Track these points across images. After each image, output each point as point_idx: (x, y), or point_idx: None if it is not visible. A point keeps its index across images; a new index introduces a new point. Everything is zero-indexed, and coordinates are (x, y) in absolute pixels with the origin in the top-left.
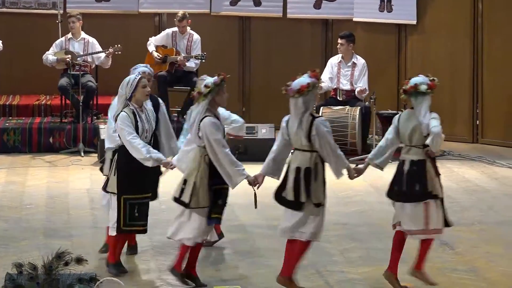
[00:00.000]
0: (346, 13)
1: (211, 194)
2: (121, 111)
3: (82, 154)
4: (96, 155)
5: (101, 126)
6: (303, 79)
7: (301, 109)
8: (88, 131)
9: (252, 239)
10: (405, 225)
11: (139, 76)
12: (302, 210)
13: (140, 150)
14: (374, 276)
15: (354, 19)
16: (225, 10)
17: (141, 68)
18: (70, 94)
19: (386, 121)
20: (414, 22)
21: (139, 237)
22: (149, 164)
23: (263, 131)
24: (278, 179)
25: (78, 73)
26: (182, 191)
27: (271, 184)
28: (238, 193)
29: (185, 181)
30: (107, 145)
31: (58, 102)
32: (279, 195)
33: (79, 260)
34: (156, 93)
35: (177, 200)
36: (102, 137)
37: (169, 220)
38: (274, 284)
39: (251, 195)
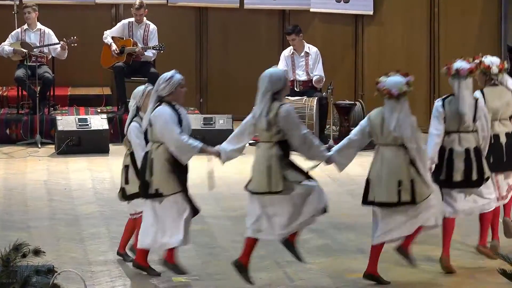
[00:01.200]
0: (303, 4)
1: None
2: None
3: (39, 145)
4: (53, 146)
5: (58, 117)
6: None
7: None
8: (45, 122)
9: (210, 230)
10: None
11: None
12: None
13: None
14: (332, 266)
15: (311, 10)
16: (182, 0)
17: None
18: (26, 85)
19: (343, 111)
20: (371, 12)
21: (96, 229)
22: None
23: (221, 122)
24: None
25: (35, 64)
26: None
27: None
28: (196, 184)
29: (400, 182)
30: None
31: (14, 93)
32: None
33: (37, 252)
34: (113, 84)
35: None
36: (59, 128)
37: (126, 211)
38: (231, 274)
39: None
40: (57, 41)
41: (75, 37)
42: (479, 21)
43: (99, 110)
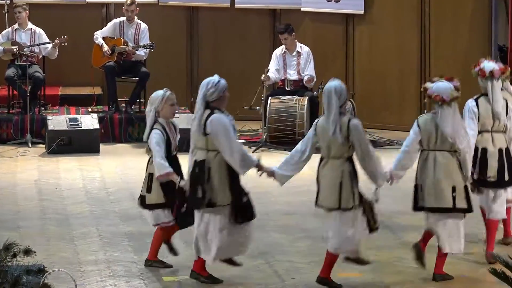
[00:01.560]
0: (294, 3)
1: None
2: None
3: (30, 145)
4: (44, 145)
5: (49, 117)
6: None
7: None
8: (36, 122)
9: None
10: None
11: None
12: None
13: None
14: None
15: (302, 9)
16: (173, 0)
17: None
18: (17, 85)
19: None
20: (362, 12)
21: (87, 228)
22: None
23: None
24: None
25: (25, 63)
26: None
27: None
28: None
29: (454, 188)
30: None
31: (5, 93)
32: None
33: (27, 252)
34: (104, 84)
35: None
36: (49, 128)
37: (116, 211)
38: (222, 273)
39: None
40: (48, 41)
41: (65, 36)
42: (470, 21)
43: (89, 110)
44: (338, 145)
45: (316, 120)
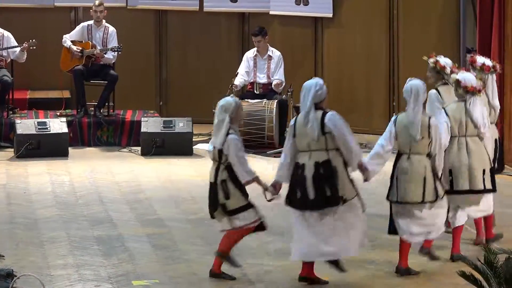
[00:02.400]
0: (263, 6)
1: None
2: None
3: None
4: (12, 150)
5: (17, 121)
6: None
7: None
8: (4, 126)
9: (170, 233)
10: None
11: None
12: None
13: None
14: (292, 268)
15: (271, 13)
16: (142, 3)
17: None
18: None
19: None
20: (330, 15)
21: (55, 232)
22: None
23: (181, 124)
24: None
25: None
26: None
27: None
28: (157, 188)
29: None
30: None
31: None
32: None
33: None
34: (73, 87)
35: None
36: (18, 132)
37: (85, 215)
38: (192, 277)
39: (170, 190)
40: (16, 44)
41: (34, 40)
42: (439, 23)
43: (58, 114)
44: (420, 142)
45: (395, 117)
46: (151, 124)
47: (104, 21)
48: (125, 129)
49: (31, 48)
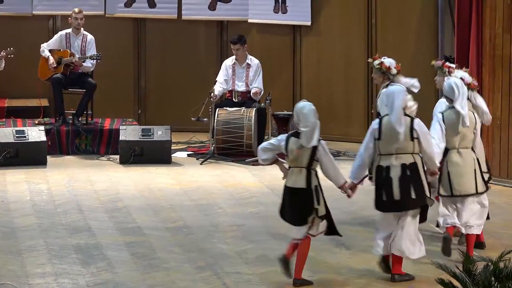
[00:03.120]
0: (241, 15)
1: None
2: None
3: None
4: None
5: None
6: None
7: None
8: None
9: (148, 241)
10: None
11: None
12: None
13: None
14: (270, 276)
15: (249, 21)
16: (120, 12)
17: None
18: None
19: (281, 122)
20: (309, 23)
21: (34, 241)
22: None
23: (159, 132)
24: None
25: None
26: None
27: (168, 185)
28: (135, 196)
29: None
30: None
31: None
32: None
33: None
34: (51, 96)
35: None
36: None
37: (63, 223)
38: (171, 285)
39: (149, 198)
40: None
41: (12, 48)
42: (416, 31)
43: (36, 122)
44: (470, 136)
45: (441, 115)
46: (129, 132)
47: (82, 29)
48: (103, 137)
49: (9, 56)
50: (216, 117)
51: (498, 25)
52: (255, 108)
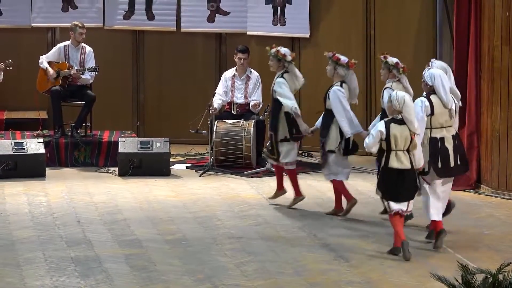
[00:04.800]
0: (240, 27)
1: None
2: None
3: None
4: None
5: None
6: None
7: None
8: None
9: (147, 253)
10: None
11: None
12: None
13: None
14: None
15: (248, 33)
16: (119, 24)
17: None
18: None
19: None
20: (307, 35)
21: (33, 253)
22: None
23: (158, 145)
24: None
25: None
26: None
27: (167, 198)
28: (134, 208)
29: None
30: None
31: None
32: None
33: None
34: (50, 108)
35: None
36: None
37: (62, 236)
38: None
39: (147, 210)
40: None
41: (10, 60)
42: (415, 42)
43: (35, 134)
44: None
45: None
46: (128, 144)
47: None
48: (102, 149)
49: (8, 68)
50: (215, 129)
51: (496, 37)
52: (254, 121)
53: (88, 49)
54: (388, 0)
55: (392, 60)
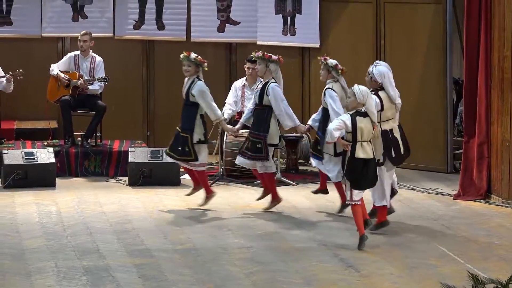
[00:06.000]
0: (250, 37)
1: None
2: None
3: None
4: None
5: (4, 151)
6: None
7: None
8: None
9: (157, 263)
10: None
11: None
12: None
13: None
14: None
15: (258, 43)
16: (129, 34)
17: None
18: None
19: (290, 144)
20: (317, 45)
21: (43, 263)
22: None
23: None
24: None
25: None
26: None
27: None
28: (144, 218)
29: None
30: None
31: None
32: None
33: None
34: (60, 118)
35: None
36: (5, 162)
37: (72, 245)
38: None
39: (157, 220)
40: (3, 74)
41: (21, 70)
42: (425, 53)
43: (45, 144)
44: None
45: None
46: (138, 154)
47: (91, 51)
48: (112, 159)
49: (18, 78)
50: (225, 139)
51: (506, 48)
52: None
53: (98, 59)
54: (398, 10)
55: (332, 62)
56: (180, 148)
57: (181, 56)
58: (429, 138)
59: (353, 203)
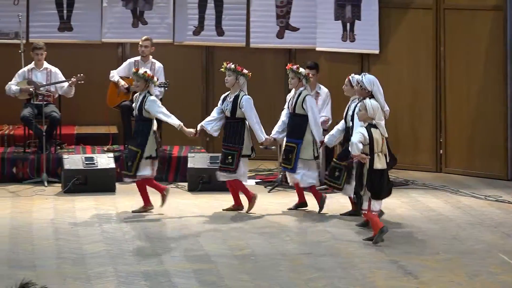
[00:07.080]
0: (309, 43)
1: None
2: None
3: (46, 184)
4: (60, 185)
5: (65, 156)
6: None
7: None
8: (52, 161)
9: (216, 268)
10: None
11: None
12: None
13: None
14: None
15: (317, 49)
16: (189, 40)
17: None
18: (33, 125)
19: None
20: (377, 51)
21: (103, 267)
22: None
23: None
24: None
25: (41, 103)
26: None
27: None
28: (203, 223)
29: None
30: None
31: (21, 132)
32: None
33: None
34: (120, 123)
35: None
36: (66, 167)
37: (132, 250)
38: None
39: (216, 225)
40: (64, 79)
41: (82, 74)
42: (485, 60)
43: (105, 149)
44: None
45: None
46: (197, 160)
47: (151, 57)
48: (172, 164)
49: (79, 82)
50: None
51: None
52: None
53: (158, 64)
54: (458, 17)
55: (303, 70)
56: (130, 163)
57: (132, 71)
58: (489, 145)
59: (372, 213)
